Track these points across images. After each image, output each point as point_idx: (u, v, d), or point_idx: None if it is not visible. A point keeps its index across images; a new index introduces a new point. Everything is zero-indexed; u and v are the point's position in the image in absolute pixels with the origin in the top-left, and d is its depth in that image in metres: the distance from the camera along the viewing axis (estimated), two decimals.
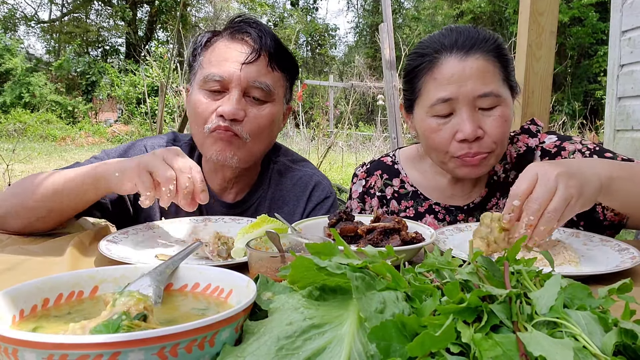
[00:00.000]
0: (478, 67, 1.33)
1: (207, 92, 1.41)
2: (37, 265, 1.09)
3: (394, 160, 1.70)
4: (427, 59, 1.40)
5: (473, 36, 1.37)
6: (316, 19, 32.25)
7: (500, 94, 1.35)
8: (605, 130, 4.30)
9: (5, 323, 0.59)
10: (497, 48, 1.38)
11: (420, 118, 1.44)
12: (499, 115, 1.35)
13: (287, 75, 1.51)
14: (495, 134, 1.35)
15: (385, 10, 5.89)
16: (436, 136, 1.39)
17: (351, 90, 14.26)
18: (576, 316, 0.54)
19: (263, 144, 1.49)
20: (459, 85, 1.33)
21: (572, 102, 17.01)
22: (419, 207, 1.61)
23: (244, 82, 1.39)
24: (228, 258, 1.08)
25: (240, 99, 1.39)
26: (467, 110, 1.34)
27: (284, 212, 1.56)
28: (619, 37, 4.00)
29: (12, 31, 25.48)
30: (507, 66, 1.40)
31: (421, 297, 0.59)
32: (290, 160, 1.67)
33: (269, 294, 0.63)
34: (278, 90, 1.47)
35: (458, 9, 23.21)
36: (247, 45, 1.42)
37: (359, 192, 1.70)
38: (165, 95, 6.48)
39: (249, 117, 1.41)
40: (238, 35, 1.44)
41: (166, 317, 0.64)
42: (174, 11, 24.69)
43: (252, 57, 1.39)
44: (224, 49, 1.43)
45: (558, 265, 1.06)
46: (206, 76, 1.40)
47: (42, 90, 20.25)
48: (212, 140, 1.41)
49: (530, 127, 1.58)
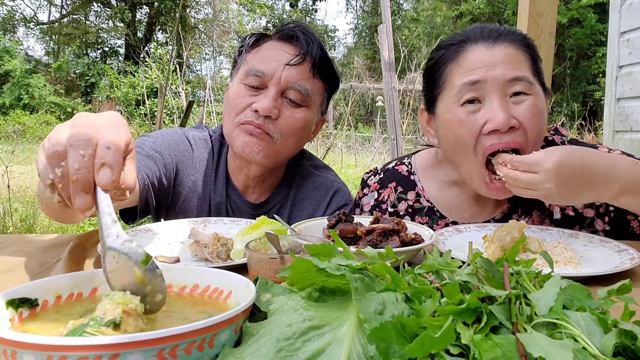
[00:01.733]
0: (507, 54, 1.25)
1: (246, 86, 1.43)
2: (36, 266, 1.09)
3: (409, 169, 1.58)
4: (450, 49, 1.32)
5: (499, 28, 1.32)
6: (315, 20, 32.29)
7: (532, 81, 1.25)
8: (604, 131, 4.30)
9: (4, 325, 0.59)
10: (525, 39, 1.31)
11: (445, 110, 1.31)
12: (532, 105, 1.23)
13: (327, 86, 1.53)
14: (530, 125, 1.22)
15: (384, 12, 5.90)
16: (462, 129, 1.26)
17: (350, 91, 14.27)
18: (576, 317, 0.54)
19: (291, 147, 1.50)
20: (488, 69, 1.23)
21: (571, 103, 17.03)
22: (435, 226, 1.49)
23: (283, 82, 1.41)
24: (227, 259, 1.08)
25: (277, 98, 1.41)
26: (497, 97, 1.22)
27: (303, 214, 1.57)
28: (618, 38, 4.01)
29: (11, 33, 25.48)
30: (536, 60, 1.31)
31: (421, 298, 0.59)
32: (312, 165, 1.68)
33: (268, 296, 0.63)
34: (315, 98, 1.49)
35: (457, 10, 23.25)
36: (294, 48, 1.44)
37: (371, 204, 1.59)
38: (165, 97, 6.49)
39: (282, 117, 1.42)
40: (287, 38, 1.47)
41: (165, 318, 0.64)
42: (173, 13, 24.70)
43: (297, 60, 1.42)
44: (271, 48, 1.46)
45: (557, 266, 1.06)
46: (248, 70, 1.43)
47: (41, 92, 20.26)
48: (241, 132, 1.42)
49: (555, 139, 1.47)
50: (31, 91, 20.00)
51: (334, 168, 2.29)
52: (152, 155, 1.43)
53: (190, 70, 25.90)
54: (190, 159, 1.55)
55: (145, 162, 1.39)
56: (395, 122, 6.06)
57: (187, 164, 1.54)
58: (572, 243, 1.23)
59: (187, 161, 1.54)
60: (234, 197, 1.58)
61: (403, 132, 6.68)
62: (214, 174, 1.57)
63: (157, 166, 1.43)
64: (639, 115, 3.83)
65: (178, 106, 11.09)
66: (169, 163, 1.49)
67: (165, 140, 1.51)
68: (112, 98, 20.34)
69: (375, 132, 12.41)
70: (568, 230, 1.32)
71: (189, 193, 1.54)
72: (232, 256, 1.08)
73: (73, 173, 0.66)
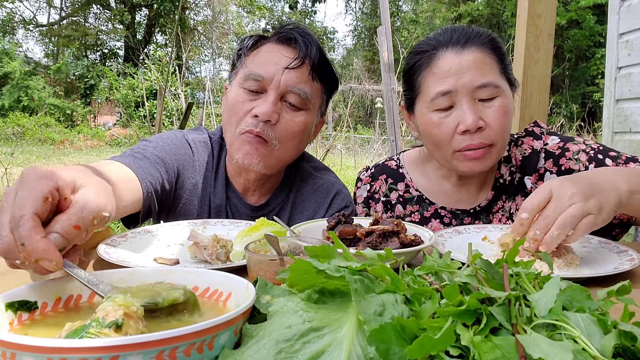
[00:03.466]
0: (475, 59, 1.35)
1: (245, 90, 1.43)
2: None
3: (398, 164, 1.70)
4: (424, 56, 1.42)
5: (467, 32, 1.40)
6: (314, 22, 32.33)
7: (498, 84, 1.37)
8: (603, 133, 4.31)
9: (4, 327, 0.59)
10: (492, 41, 1.40)
11: (422, 114, 1.44)
12: (499, 106, 1.36)
13: (326, 88, 1.52)
14: (496, 124, 1.36)
15: (383, 14, 5.90)
16: (438, 130, 1.39)
17: (350, 93, 14.28)
18: (575, 318, 0.54)
19: (291, 152, 1.50)
20: (457, 77, 1.35)
21: (570, 105, 17.05)
22: (425, 212, 1.61)
23: (282, 86, 1.40)
24: (227, 261, 1.08)
25: (277, 102, 1.41)
26: (467, 102, 1.35)
27: (303, 216, 1.57)
28: (617, 39, 4.01)
29: (11, 35, 25.49)
30: (503, 59, 1.41)
31: (420, 300, 0.59)
32: (312, 167, 1.68)
33: (268, 297, 0.62)
34: (315, 100, 1.48)
35: (456, 11, 23.29)
36: (293, 51, 1.43)
37: (364, 196, 1.69)
38: (164, 99, 6.49)
39: (281, 121, 1.42)
40: (285, 41, 1.45)
41: (164, 320, 0.64)
42: (172, 14, 24.73)
43: (296, 64, 1.41)
44: (270, 51, 1.45)
45: (557, 267, 1.06)
46: (247, 74, 1.42)
47: (41, 94, 20.26)
48: (241, 143, 1.42)
49: (534, 130, 1.58)
50: (30, 93, 20.00)
51: (333, 169, 2.29)
52: (154, 160, 1.43)
53: (190, 72, 25.93)
54: (191, 162, 1.55)
55: (148, 169, 1.39)
56: (395, 123, 6.06)
57: (187, 167, 1.54)
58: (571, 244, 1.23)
59: (187, 164, 1.54)
60: (234, 200, 1.58)
61: (402, 133, 6.69)
62: (213, 177, 1.57)
63: (159, 172, 1.43)
64: (638, 116, 3.84)
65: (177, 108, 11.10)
66: (171, 168, 1.49)
67: (165, 145, 1.51)
68: (112, 100, 20.36)
69: (375, 134, 12.42)
70: None
71: (190, 196, 1.54)
72: (231, 258, 1.08)
73: None
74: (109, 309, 0.55)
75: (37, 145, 15.54)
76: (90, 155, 13.28)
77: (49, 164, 10.88)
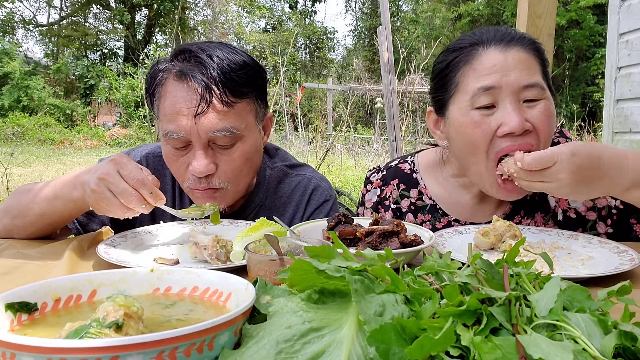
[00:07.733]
0: (520, 59, 1.26)
1: (172, 147, 1.35)
2: (35, 269, 1.08)
3: (412, 167, 1.59)
4: (464, 52, 1.32)
5: (511, 31, 1.32)
6: (314, 22, 32.31)
7: (544, 86, 1.27)
8: (603, 133, 4.31)
9: (4, 327, 0.59)
10: (535, 44, 1.32)
11: (460, 113, 1.31)
12: (545, 109, 1.26)
13: (253, 94, 1.37)
14: (543, 127, 1.25)
15: (383, 13, 5.90)
16: (477, 130, 1.27)
17: (350, 93, 14.28)
18: (575, 318, 0.54)
19: (245, 181, 1.44)
20: (502, 74, 1.24)
21: (570, 105, 17.03)
22: (437, 223, 1.51)
23: (203, 136, 1.29)
24: (227, 261, 1.08)
25: (207, 152, 1.32)
26: (511, 102, 1.24)
27: (285, 218, 1.55)
28: (617, 39, 4.01)
29: (11, 35, 25.47)
30: (545, 64, 1.33)
31: (420, 300, 0.58)
32: (287, 166, 1.64)
33: (268, 297, 0.62)
34: (246, 120, 1.35)
35: (456, 11, 23.28)
36: (194, 90, 1.28)
37: (373, 201, 1.61)
38: None
39: (221, 167, 1.35)
40: (183, 77, 1.30)
41: (164, 320, 0.64)
42: (172, 14, 24.72)
43: (202, 108, 1.27)
44: (173, 95, 1.31)
45: (557, 267, 1.06)
46: (166, 133, 1.32)
47: (41, 94, 20.23)
48: (195, 196, 1.40)
49: (560, 141, 1.49)
50: (30, 93, 19.98)
51: (333, 170, 2.27)
52: None
53: None
54: (162, 178, 1.54)
55: None
56: (395, 123, 6.06)
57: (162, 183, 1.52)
58: (572, 244, 1.23)
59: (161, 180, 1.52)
60: None
61: (402, 133, 6.69)
62: (179, 194, 1.57)
63: None
64: (638, 116, 3.84)
65: None
66: None
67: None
68: (111, 100, 20.35)
69: (375, 134, 12.41)
70: (567, 232, 1.32)
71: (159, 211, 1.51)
72: (231, 258, 1.08)
73: None
74: (109, 309, 0.55)
75: (37, 145, 15.54)
76: (90, 155, 13.27)
77: (48, 164, 10.88)
